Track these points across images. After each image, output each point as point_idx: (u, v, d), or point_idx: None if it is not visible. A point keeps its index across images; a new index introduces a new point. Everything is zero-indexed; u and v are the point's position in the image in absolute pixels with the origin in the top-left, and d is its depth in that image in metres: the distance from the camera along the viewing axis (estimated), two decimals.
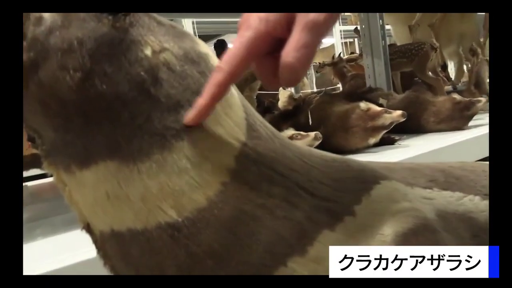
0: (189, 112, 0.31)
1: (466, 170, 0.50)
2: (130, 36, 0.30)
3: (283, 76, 0.30)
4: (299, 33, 0.29)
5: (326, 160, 0.39)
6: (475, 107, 1.22)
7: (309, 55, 0.30)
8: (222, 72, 0.30)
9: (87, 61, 0.29)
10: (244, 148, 0.33)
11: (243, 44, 0.30)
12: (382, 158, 1.00)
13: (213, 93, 0.30)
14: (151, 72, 0.30)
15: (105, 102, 0.29)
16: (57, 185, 0.34)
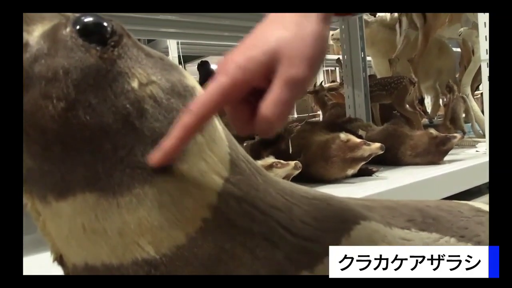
0: (155, 153, 0.29)
1: (443, 210, 0.51)
2: (117, 67, 0.30)
3: (260, 127, 0.30)
4: (280, 88, 0.29)
5: (307, 197, 0.39)
6: (451, 142, 1.25)
7: (288, 110, 0.29)
8: (192, 115, 0.29)
9: (71, 91, 0.28)
10: (226, 184, 0.32)
11: (217, 90, 0.29)
12: (360, 190, 1.01)
13: (180, 136, 0.29)
14: (137, 104, 0.30)
15: (88, 133, 0.29)
16: (31, 213, 0.32)
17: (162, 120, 0.30)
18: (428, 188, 1.09)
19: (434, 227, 0.46)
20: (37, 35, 0.29)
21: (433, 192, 1.11)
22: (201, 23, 1.67)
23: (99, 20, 0.30)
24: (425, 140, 1.27)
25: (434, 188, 1.11)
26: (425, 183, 1.08)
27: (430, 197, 1.10)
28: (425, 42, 1.84)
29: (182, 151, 0.31)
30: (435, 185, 1.11)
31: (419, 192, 1.07)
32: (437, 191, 1.12)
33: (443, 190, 1.14)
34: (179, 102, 0.32)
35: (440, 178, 1.13)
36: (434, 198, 1.11)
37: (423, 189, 1.08)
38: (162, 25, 1.66)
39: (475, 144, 1.53)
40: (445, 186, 1.15)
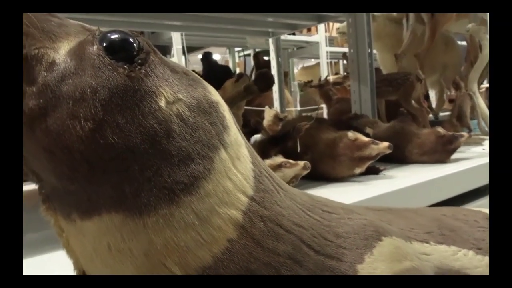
0: None
1: (459, 220, 0.51)
2: (144, 86, 0.29)
3: None
4: None
5: (328, 211, 0.38)
6: (458, 141, 1.25)
7: None
8: None
9: (99, 111, 0.28)
10: (251, 202, 0.32)
11: None
12: (368, 189, 1.01)
13: None
14: (164, 124, 0.29)
15: (115, 154, 0.28)
16: (54, 229, 0.32)
17: (189, 139, 0.30)
18: (435, 188, 1.09)
19: (452, 240, 0.45)
20: (63, 53, 0.29)
21: (440, 192, 1.11)
22: (204, 16, 1.65)
23: (126, 37, 0.30)
24: (432, 139, 1.26)
25: (442, 187, 1.11)
26: (433, 182, 1.08)
27: (438, 197, 1.10)
28: (432, 37, 1.83)
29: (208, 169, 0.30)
30: (443, 184, 1.11)
31: (427, 192, 1.06)
32: (445, 190, 1.12)
33: (451, 189, 1.14)
34: (205, 119, 0.32)
35: (448, 178, 1.13)
36: (442, 198, 1.11)
37: (431, 189, 1.07)
38: (166, 18, 1.65)
39: (482, 142, 1.52)
40: (452, 186, 1.15)
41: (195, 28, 1.99)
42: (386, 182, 1.08)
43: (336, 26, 2.99)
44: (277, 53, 2.03)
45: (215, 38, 2.76)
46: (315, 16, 1.74)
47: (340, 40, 3.22)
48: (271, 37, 2.01)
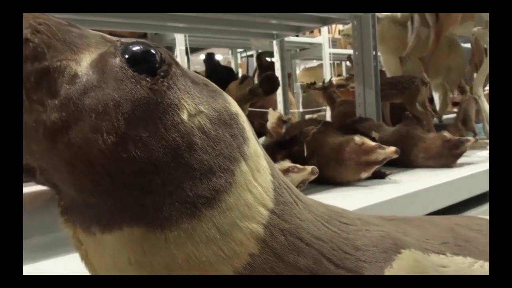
0: None
1: (473, 230, 0.51)
2: (167, 99, 0.29)
3: None
4: None
5: (345, 223, 0.38)
6: (464, 146, 1.24)
7: None
8: None
9: (122, 125, 0.27)
10: (272, 216, 0.32)
11: None
12: (374, 194, 1.00)
13: None
14: (186, 137, 0.29)
15: (137, 167, 0.28)
16: (72, 241, 0.32)
17: (211, 152, 0.30)
18: (441, 193, 1.08)
19: (468, 251, 0.45)
20: (85, 66, 0.28)
21: (446, 197, 1.10)
22: (209, 18, 1.65)
23: (148, 48, 0.29)
24: (439, 143, 1.26)
25: (448, 193, 1.11)
26: (439, 188, 1.08)
27: (444, 202, 1.10)
28: (437, 41, 1.82)
29: (229, 183, 0.30)
30: (449, 190, 1.11)
31: (433, 197, 1.06)
32: (451, 196, 1.12)
33: (457, 195, 1.14)
34: (226, 132, 0.31)
35: (453, 183, 1.12)
36: (448, 203, 1.11)
37: (437, 194, 1.07)
38: (170, 20, 1.64)
39: (486, 146, 1.52)
40: (458, 191, 1.14)
41: (199, 30, 1.99)
42: (392, 187, 1.07)
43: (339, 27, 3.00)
44: (281, 55, 2.03)
45: (218, 39, 2.76)
46: (320, 18, 1.73)
47: (343, 42, 3.22)
48: (275, 39, 2.01)
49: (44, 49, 0.27)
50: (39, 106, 0.27)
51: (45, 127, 0.27)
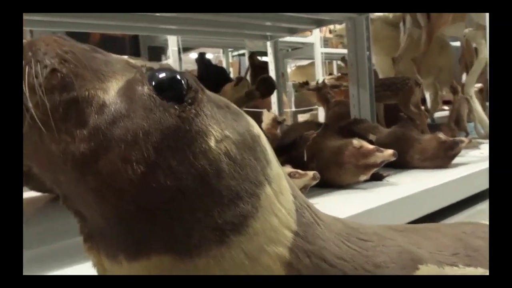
0: None
1: (480, 238, 0.52)
2: (195, 126, 0.29)
3: None
4: None
5: (363, 239, 0.39)
6: (459, 147, 1.27)
7: None
8: None
9: (151, 154, 0.27)
10: (296, 237, 0.32)
11: None
12: (374, 197, 1.02)
13: None
14: (214, 164, 0.29)
15: (166, 196, 0.28)
16: (96, 268, 0.32)
17: (237, 177, 0.30)
18: (438, 194, 1.10)
19: (478, 261, 0.46)
20: (113, 94, 0.29)
21: (444, 198, 1.12)
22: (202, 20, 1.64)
23: (174, 75, 0.30)
24: (434, 145, 1.28)
25: (445, 194, 1.13)
26: (436, 189, 1.10)
27: (441, 203, 1.12)
28: (429, 41, 1.84)
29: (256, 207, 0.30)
30: (446, 191, 1.13)
31: (430, 199, 1.08)
32: (448, 197, 1.14)
33: (453, 195, 1.16)
34: (250, 155, 0.32)
35: (451, 184, 1.14)
36: (445, 204, 1.13)
37: (434, 196, 1.09)
38: (162, 22, 1.63)
39: (479, 145, 1.54)
40: (455, 192, 1.16)
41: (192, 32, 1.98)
42: (390, 189, 1.09)
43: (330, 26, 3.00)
44: (275, 56, 2.03)
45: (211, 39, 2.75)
46: (314, 20, 1.74)
47: (334, 41, 3.23)
48: (269, 40, 2.01)
49: (73, 79, 0.27)
50: (67, 136, 0.27)
51: (74, 158, 0.27)
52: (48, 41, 0.28)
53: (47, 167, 0.29)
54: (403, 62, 1.92)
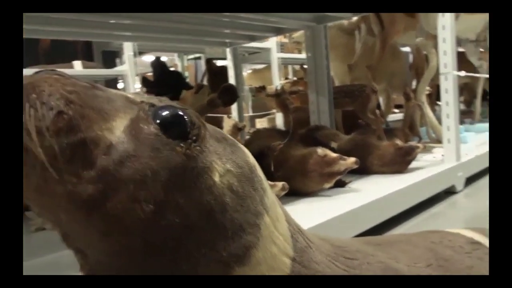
0: None
1: (448, 247, 0.55)
2: (200, 163, 0.30)
3: None
4: None
5: (349, 258, 0.41)
6: (415, 152, 1.33)
7: None
8: None
9: (160, 193, 0.28)
10: (294, 263, 0.33)
11: None
12: (338, 204, 1.05)
13: None
14: (219, 198, 0.30)
15: (174, 232, 0.28)
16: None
17: (240, 210, 0.31)
18: (399, 199, 1.16)
19: (448, 270, 0.49)
20: (118, 134, 0.28)
21: (403, 202, 1.18)
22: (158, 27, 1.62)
23: (177, 112, 0.30)
24: (392, 151, 1.34)
25: (404, 198, 1.18)
26: (396, 194, 1.15)
27: (401, 208, 1.17)
28: (383, 49, 1.92)
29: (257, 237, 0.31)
30: (405, 195, 1.18)
31: (391, 203, 1.13)
32: (407, 201, 1.19)
33: (412, 199, 1.22)
34: (250, 187, 0.33)
35: (409, 188, 1.20)
36: (404, 208, 1.18)
37: (395, 200, 1.14)
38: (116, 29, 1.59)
39: (431, 149, 1.63)
40: (413, 196, 1.22)
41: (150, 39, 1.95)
42: (353, 196, 1.13)
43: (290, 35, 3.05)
44: (235, 63, 2.04)
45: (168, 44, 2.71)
46: (273, 28, 1.77)
47: (290, 46, 3.29)
48: (228, 47, 2.02)
49: (79, 120, 0.27)
50: (73, 178, 0.27)
51: (81, 199, 0.27)
52: (51, 81, 0.28)
53: (49, 207, 0.28)
54: (358, 68, 1.99)
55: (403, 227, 1.14)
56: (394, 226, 1.13)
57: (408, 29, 1.97)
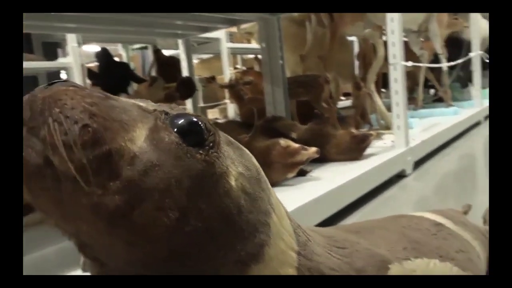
0: None
1: (417, 230, 0.60)
2: (218, 168, 0.30)
3: None
4: None
5: (340, 247, 0.43)
6: (369, 139, 1.40)
7: None
8: None
9: (183, 200, 0.28)
10: (299, 257, 0.36)
11: None
12: (303, 193, 1.09)
13: None
14: (235, 201, 0.31)
15: (195, 238, 0.29)
16: None
17: (253, 211, 0.32)
18: (357, 185, 1.22)
19: (421, 252, 0.54)
20: (140, 144, 0.29)
21: (361, 188, 1.24)
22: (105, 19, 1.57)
23: (191, 119, 0.31)
24: (348, 139, 1.40)
25: (362, 184, 1.25)
26: (355, 180, 1.21)
27: (359, 193, 1.23)
28: (333, 40, 1.98)
29: (268, 235, 0.33)
30: (362, 181, 1.25)
31: (350, 189, 1.19)
32: (364, 186, 1.26)
33: (369, 184, 1.29)
34: (258, 187, 0.34)
35: (366, 174, 1.26)
36: (362, 193, 1.25)
37: (353, 187, 1.20)
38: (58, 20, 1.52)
39: (381, 136, 1.72)
40: (370, 181, 1.29)
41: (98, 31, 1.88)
42: (315, 184, 1.17)
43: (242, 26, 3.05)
44: (187, 55, 2.02)
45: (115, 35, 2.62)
46: (226, 19, 1.77)
47: (239, 36, 3.29)
48: (180, 38, 1.99)
49: (103, 133, 0.27)
50: (99, 189, 0.27)
51: (108, 210, 0.27)
52: (71, 94, 0.27)
53: (70, 219, 0.28)
54: (310, 59, 2.04)
55: (362, 211, 1.20)
56: (353, 211, 1.19)
57: (356, 20, 2.04)
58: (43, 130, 0.26)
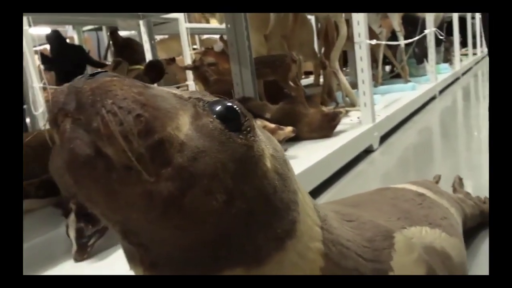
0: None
1: (405, 201, 0.64)
2: (256, 151, 0.32)
3: None
4: None
5: (349, 220, 0.46)
6: (339, 117, 1.45)
7: None
8: None
9: (229, 183, 0.29)
10: (323, 231, 0.38)
11: None
12: None
13: None
14: (272, 182, 0.32)
15: (240, 220, 0.30)
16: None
17: (284, 190, 0.34)
18: (330, 161, 1.26)
19: (412, 220, 0.58)
20: (186, 131, 0.29)
21: (334, 164, 1.29)
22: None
23: (227, 104, 0.32)
24: (319, 117, 1.44)
25: (335, 160, 1.29)
26: (328, 158, 1.25)
27: (333, 169, 1.28)
28: (295, 20, 2.00)
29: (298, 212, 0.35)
30: (335, 158, 1.29)
31: (326, 167, 1.23)
32: (337, 163, 1.31)
33: (341, 161, 1.33)
34: (286, 168, 0.36)
35: (338, 151, 1.31)
36: (335, 169, 1.29)
37: (327, 164, 1.24)
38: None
39: (348, 113, 1.77)
40: (342, 158, 1.34)
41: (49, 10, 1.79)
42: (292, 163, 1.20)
43: None
44: (150, 36, 1.97)
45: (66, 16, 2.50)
46: None
47: (197, 16, 3.24)
48: (142, 19, 1.94)
49: (154, 122, 0.28)
50: (152, 177, 0.27)
51: (161, 197, 0.27)
52: (119, 84, 0.27)
53: (120, 208, 0.29)
54: (273, 38, 2.05)
55: (335, 187, 1.25)
56: (327, 188, 1.23)
57: None
58: (95, 122, 0.27)
